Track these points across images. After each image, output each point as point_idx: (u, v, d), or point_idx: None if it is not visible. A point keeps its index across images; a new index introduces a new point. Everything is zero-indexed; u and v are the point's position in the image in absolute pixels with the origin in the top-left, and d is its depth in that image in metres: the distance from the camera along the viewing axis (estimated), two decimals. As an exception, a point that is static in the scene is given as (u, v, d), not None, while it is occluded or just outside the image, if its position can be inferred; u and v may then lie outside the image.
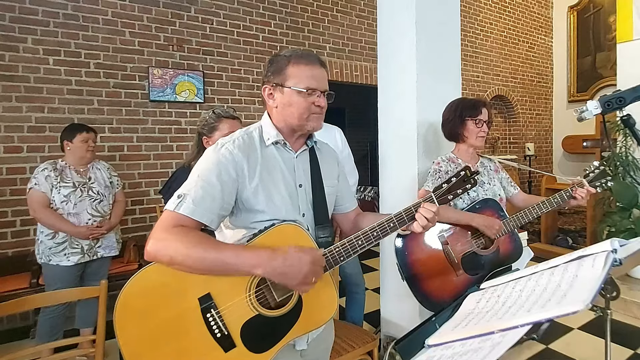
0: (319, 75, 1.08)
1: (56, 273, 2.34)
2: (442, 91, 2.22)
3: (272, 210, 1.05)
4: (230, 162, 1.02)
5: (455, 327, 0.78)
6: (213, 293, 0.97)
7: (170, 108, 3.66)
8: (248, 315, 0.99)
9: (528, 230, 4.47)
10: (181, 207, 0.96)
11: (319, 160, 1.19)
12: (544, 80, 6.96)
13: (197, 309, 0.96)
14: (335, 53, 4.69)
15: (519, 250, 1.74)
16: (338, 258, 1.04)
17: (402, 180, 2.28)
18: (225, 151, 1.03)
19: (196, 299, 0.96)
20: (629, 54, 3.74)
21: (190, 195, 0.97)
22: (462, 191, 1.12)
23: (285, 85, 1.06)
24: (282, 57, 1.09)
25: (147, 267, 0.96)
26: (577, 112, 1.24)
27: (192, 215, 0.96)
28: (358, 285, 2.46)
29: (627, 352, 2.49)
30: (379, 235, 1.07)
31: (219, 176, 1.00)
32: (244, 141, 1.07)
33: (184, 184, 1.01)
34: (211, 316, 0.96)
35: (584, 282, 0.68)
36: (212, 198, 0.99)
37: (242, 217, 1.07)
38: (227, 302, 0.98)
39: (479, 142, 1.77)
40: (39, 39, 3.10)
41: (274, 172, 1.08)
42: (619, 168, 3.49)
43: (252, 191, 1.04)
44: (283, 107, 1.08)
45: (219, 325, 0.96)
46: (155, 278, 0.96)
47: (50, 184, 2.31)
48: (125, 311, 0.93)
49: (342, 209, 1.29)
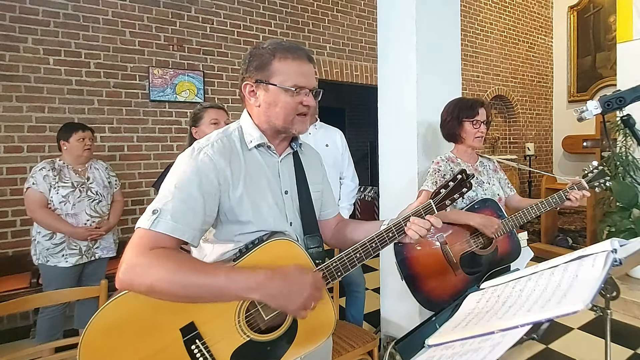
0: (307, 71, 0.97)
1: (54, 274, 2.32)
2: (442, 91, 2.22)
3: (259, 220, 0.96)
4: (211, 169, 0.90)
5: (455, 327, 0.78)
6: (197, 322, 0.86)
7: (170, 108, 3.66)
8: (238, 342, 0.89)
9: (528, 230, 4.45)
10: (158, 224, 0.83)
11: (303, 164, 1.09)
12: (544, 80, 6.96)
13: (179, 340, 0.85)
14: (335, 53, 4.69)
15: (517, 249, 1.74)
16: (335, 274, 0.95)
17: (402, 180, 2.28)
18: (204, 157, 0.91)
19: (177, 330, 0.85)
20: (629, 54, 3.74)
21: (167, 210, 0.84)
22: (459, 196, 1.09)
23: (270, 83, 0.95)
24: (265, 49, 0.97)
25: (117, 298, 0.83)
26: (577, 112, 1.24)
27: (172, 234, 0.84)
28: (358, 284, 2.46)
29: (627, 352, 2.49)
30: (377, 247, 0.99)
31: (200, 186, 0.88)
32: (223, 145, 0.95)
33: (157, 197, 0.89)
34: (196, 347, 0.85)
35: (584, 282, 0.68)
36: (194, 212, 0.87)
37: (225, 230, 0.96)
38: (213, 331, 0.87)
39: (477, 142, 1.77)
40: (39, 38, 3.10)
41: (258, 178, 0.98)
42: (619, 168, 3.49)
43: (236, 201, 0.93)
44: (267, 106, 0.97)
45: (206, 357, 0.86)
46: (125, 310, 0.83)
47: (48, 184, 2.27)
48: (93, 353, 0.81)
49: (323, 216, 1.19)
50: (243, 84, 1.00)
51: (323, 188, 1.17)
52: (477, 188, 1.79)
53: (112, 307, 0.83)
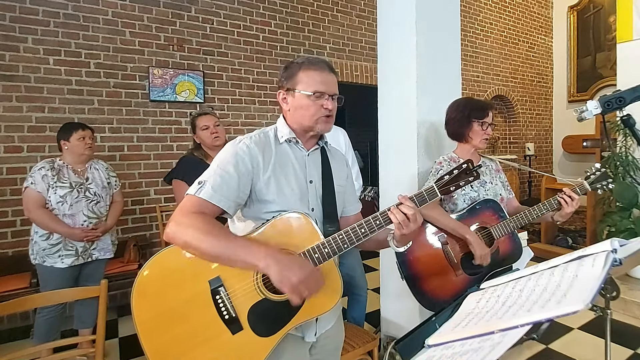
0: (327, 80, 1.14)
1: (50, 275, 2.30)
2: (442, 91, 2.22)
3: (282, 201, 1.10)
4: (247, 154, 1.09)
5: (455, 327, 0.78)
6: (223, 276, 1.02)
7: (170, 108, 3.66)
8: (255, 299, 1.02)
9: (528, 230, 4.47)
10: (201, 192, 1.03)
11: (329, 160, 1.24)
12: (544, 80, 6.96)
13: (207, 290, 1.00)
14: (335, 53, 4.69)
15: (518, 250, 1.74)
16: (336, 249, 1.05)
17: (402, 180, 2.28)
18: (242, 145, 1.11)
19: (207, 282, 1.01)
20: (629, 54, 3.74)
21: (209, 182, 1.04)
22: (465, 183, 1.11)
23: (295, 90, 1.14)
24: (295, 64, 1.17)
25: (163, 251, 1.03)
26: (577, 112, 1.24)
27: (211, 200, 1.02)
28: (361, 287, 2.45)
29: (627, 352, 2.49)
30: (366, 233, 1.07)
31: (236, 166, 1.07)
32: (259, 138, 1.15)
33: (205, 172, 1.08)
34: (220, 298, 1.00)
35: (584, 282, 0.68)
36: (229, 186, 1.05)
37: (254, 208, 1.13)
38: (235, 285, 1.02)
39: (483, 144, 1.78)
40: (39, 38, 3.10)
41: (285, 166, 1.15)
42: (619, 168, 3.49)
43: (264, 182, 1.10)
44: (294, 109, 1.16)
45: (227, 307, 1.00)
46: (170, 261, 1.03)
47: (46, 184, 2.26)
48: (143, 292, 1.00)
49: (345, 212, 1.31)
50: (278, 92, 1.20)
51: (347, 185, 1.30)
52: (479, 188, 1.79)
53: (160, 259, 1.03)
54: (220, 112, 3.92)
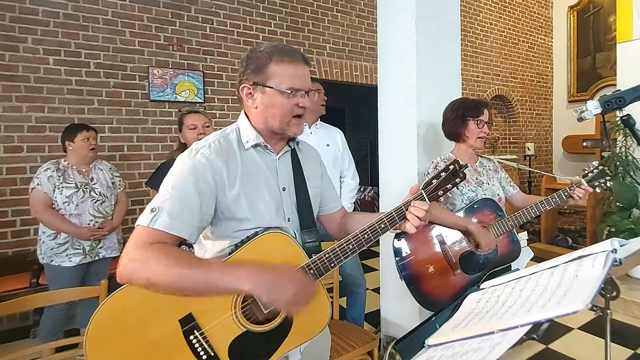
0: (302, 74, 1.00)
1: (58, 274, 2.34)
2: (442, 91, 2.22)
3: (256, 217, 0.99)
4: (207, 169, 0.94)
5: (455, 327, 0.78)
6: (195, 313, 0.89)
7: (170, 108, 3.66)
8: (235, 333, 0.91)
9: (528, 230, 4.47)
10: (156, 221, 0.87)
11: (301, 161, 1.12)
12: (544, 80, 6.96)
13: (179, 331, 0.88)
14: (335, 53, 4.69)
15: (517, 249, 1.74)
16: (329, 264, 0.97)
17: (402, 180, 2.28)
18: (201, 157, 0.95)
19: (176, 322, 0.88)
20: (629, 54, 3.74)
21: (165, 208, 0.88)
22: (452, 186, 1.09)
23: (266, 85, 0.98)
24: (262, 53, 0.99)
25: (119, 291, 0.87)
26: (577, 112, 1.24)
27: (170, 230, 0.87)
28: (359, 285, 2.46)
29: (627, 352, 2.49)
30: (369, 238, 1.01)
31: (196, 185, 0.92)
32: (220, 145, 0.99)
33: (157, 195, 0.92)
34: (194, 338, 0.89)
35: (584, 282, 0.68)
36: (190, 210, 0.90)
37: (224, 227, 0.99)
38: (211, 322, 0.90)
39: (479, 143, 1.78)
40: (39, 38, 3.10)
41: (255, 177, 1.01)
42: (619, 168, 3.49)
43: (232, 199, 0.96)
44: (264, 108, 1.00)
45: (204, 347, 0.89)
46: (128, 302, 0.87)
47: (52, 185, 2.30)
48: (98, 340, 0.85)
49: (327, 210, 1.23)
50: (241, 86, 1.03)
51: (322, 184, 1.20)
52: (477, 188, 1.79)
53: (115, 300, 0.87)
54: (220, 112, 3.93)
